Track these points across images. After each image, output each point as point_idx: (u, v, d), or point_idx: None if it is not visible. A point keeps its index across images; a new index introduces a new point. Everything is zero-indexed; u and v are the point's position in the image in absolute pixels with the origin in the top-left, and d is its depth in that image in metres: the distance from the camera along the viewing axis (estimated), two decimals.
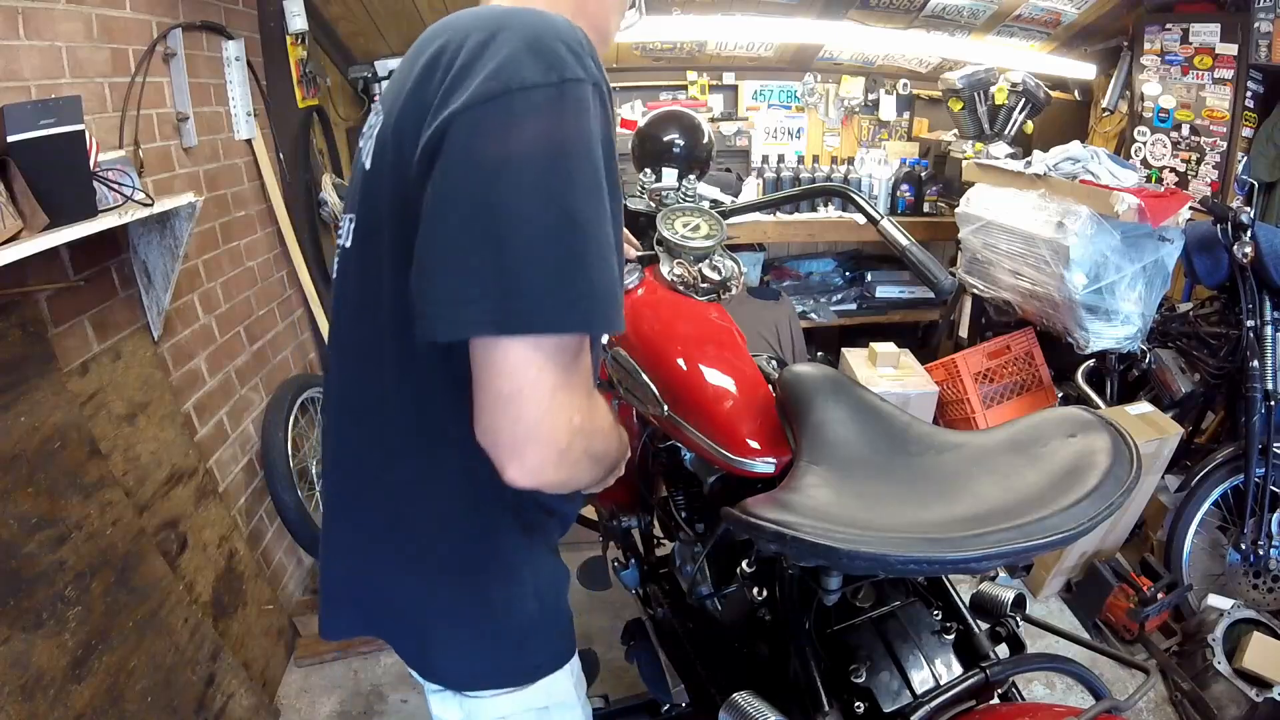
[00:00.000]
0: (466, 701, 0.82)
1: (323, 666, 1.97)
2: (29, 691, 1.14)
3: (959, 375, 2.50)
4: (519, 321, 0.56)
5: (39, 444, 1.27)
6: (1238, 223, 1.97)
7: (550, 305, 0.56)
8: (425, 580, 0.78)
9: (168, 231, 1.56)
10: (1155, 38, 2.84)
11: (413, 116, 0.61)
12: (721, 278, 1.32)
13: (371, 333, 0.72)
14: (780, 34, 3.14)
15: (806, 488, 0.83)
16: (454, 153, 0.57)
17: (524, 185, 0.55)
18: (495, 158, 0.56)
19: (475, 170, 0.56)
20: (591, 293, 0.58)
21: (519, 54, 0.57)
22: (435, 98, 0.59)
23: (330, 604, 0.87)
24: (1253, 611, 1.89)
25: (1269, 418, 1.97)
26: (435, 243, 0.57)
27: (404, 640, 0.83)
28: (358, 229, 0.73)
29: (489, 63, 0.57)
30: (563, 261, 0.57)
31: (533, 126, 0.56)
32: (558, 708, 0.84)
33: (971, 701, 0.87)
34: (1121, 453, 0.76)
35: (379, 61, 2.86)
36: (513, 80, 0.56)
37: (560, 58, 0.57)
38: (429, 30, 0.67)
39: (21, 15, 1.32)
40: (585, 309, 0.58)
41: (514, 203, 0.55)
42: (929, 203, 3.16)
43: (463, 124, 0.56)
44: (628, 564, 1.45)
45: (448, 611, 0.78)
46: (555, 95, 0.56)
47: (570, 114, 0.57)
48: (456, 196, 0.57)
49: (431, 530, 0.76)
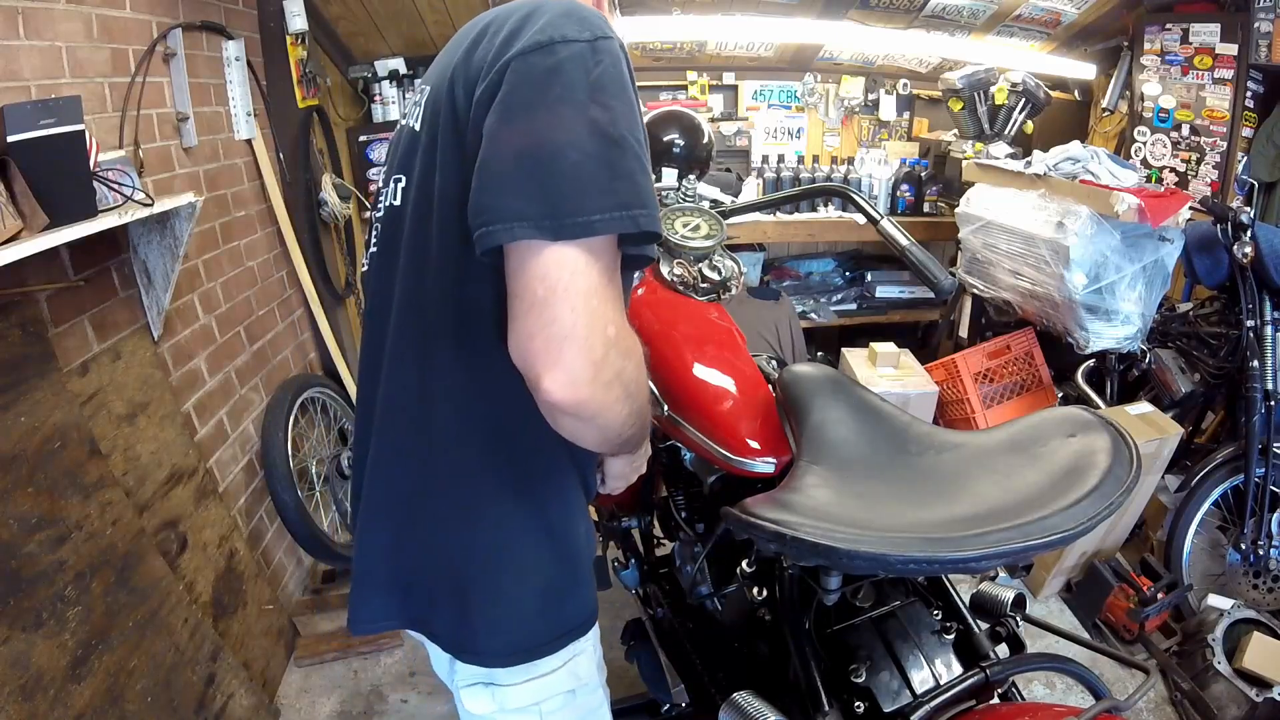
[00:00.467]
0: (499, 692, 0.84)
1: (323, 666, 1.97)
2: (29, 691, 1.14)
3: (959, 375, 2.50)
4: (563, 227, 0.61)
5: (39, 444, 1.27)
6: (1238, 223, 1.97)
7: (593, 208, 0.62)
8: (466, 540, 0.80)
9: (168, 231, 1.56)
10: (1155, 38, 2.84)
11: (464, 76, 0.70)
12: (721, 278, 1.32)
13: (420, 283, 0.76)
14: (780, 34, 3.14)
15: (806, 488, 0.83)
16: (508, 90, 0.65)
17: (568, 113, 0.63)
18: (544, 90, 0.64)
19: (526, 102, 0.64)
20: (636, 192, 0.64)
21: (559, 18, 0.67)
22: (488, 57, 0.68)
23: (362, 590, 0.87)
24: (1253, 611, 1.88)
25: (1269, 418, 1.97)
26: (491, 165, 0.64)
27: (442, 617, 0.83)
28: (410, 186, 0.77)
29: (534, 25, 0.66)
30: (604, 172, 0.63)
31: (575, 66, 0.65)
32: (583, 689, 0.88)
33: (971, 701, 0.87)
34: (1121, 453, 0.76)
35: (379, 61, 2.86)
36: (555, 34, 0.65)
37: (592, 21, 0.68)
38: (473, 20, 0.78)
39: (21, 15, 1.32)
40: (628, 208, 0.64)
41: (560, 127, 0.63)
42: (929, 203, 3.16)
43: (516, 67, 0.65)
44: (628, 564, 1.45)
45: (487, 572, 0.80)
46: (590, 47, 0.66)
47: (605, 60, 0.66)
48: (511, 125, 0.64)
49: (472, 488, 0.78)
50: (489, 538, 0.80)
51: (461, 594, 0.81)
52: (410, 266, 0.77)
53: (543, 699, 0.85)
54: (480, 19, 0.75)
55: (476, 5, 2.67)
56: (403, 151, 0.80)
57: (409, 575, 0.84)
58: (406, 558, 0.84)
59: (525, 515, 0.80)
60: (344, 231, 2.68)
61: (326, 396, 2.35)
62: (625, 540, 1.52)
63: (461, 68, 0.71)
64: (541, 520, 0.81)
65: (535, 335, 0.62)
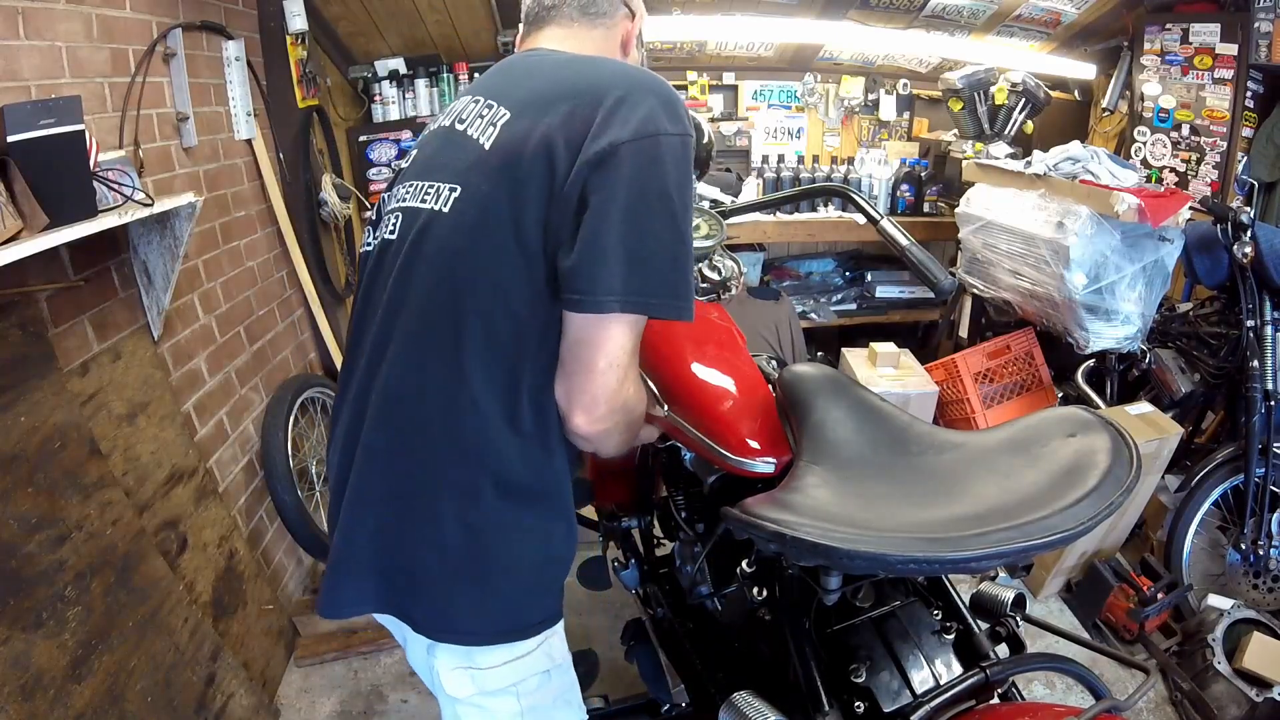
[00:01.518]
0: (478, 675, 0.88)
1: (323, 666, 1.97)
2: (29, 691, 1.14)
3: (959, 375, 2.50)
4: (631, 304, 0.78)
5: (39, 444, 1.27)
6: (1238, 223, 1.97)
7: (659, 293, 0.79)
8: (461, 533, 0.84)
9: (168, 231, 1.56)
10: (1155, 38, 2.84)
11: (565, 137, 0.80)
12: (721, 278, 1.32)
13: (455, 292, 0.82)
14: (780, 34, 3.14)
15: (806, 488, 0.83)
16: (620, 175, 0.78)
17: (660, 209, 0.79)
18: (648, 181, 0.79)
19: (637, 191, 0.78)
20: (688, 288, 0.82)
21: (659, 109, 0.81)
22: (591, 129, 0.79)
23: (338, 576, 0.89)
24: (1253, 611, 1.88)
25: (1269, 417, 1.97)
26: (600, 240, 0.77)
27: (423, 603, 0.87)
28: (466, 199, 0.83)
29: (638, 110, 0.80)
30: (672, 267, 0.80)
31: (672, 162, 0.80)
32: (556, 670, 0.94)
33: (971, 701, 0.87)
34: (1121, 453, 0.76)
35: (379, 61, 2.86)
36: (658, 128, 0.80)
37: (683, 117, 0.83)
38: (547, 65, 0.91)
39: (21, 15, 1.32)
40: (679, 298, 0.81)
41: (655, 221, 0.79)
42: (929, 203, 3.16)
43: (626, 154, 0.78)
44: (628, 564, 1.45)
45: (479, 564, 0.85)
46: (682, 142, 0.82)
47: (686, 158, 0.82)
48: (620, 209, 0.77)
49: (474, 485, 0.83)
50: (484, 533, 0.84)
51: (449, 582, 0.85)
52: (445, 274, 0.83)
53: (520, 679, 0.90)
54: (563, 71, 0.88)
55: (476, 5, 2.67)
56: (463, 165, 0.85)
57: (391, 561, 0.87)
58: (392, 545, 0.86)
59: (521, 515, 0.86)
60: (344, 231, 2.68)
61: (326, 396, 2.35)
62: (625, 540, 1.52)
63: (561, 128, 0.80)
64: (534, 519, 0.88)
65: (585, 392, 0.82)
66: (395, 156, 2.85)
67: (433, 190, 0.86)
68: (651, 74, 0.87)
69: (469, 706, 0.91)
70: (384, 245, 0.91)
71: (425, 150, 0.94)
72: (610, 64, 0.91)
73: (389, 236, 0.90)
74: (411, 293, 0.84)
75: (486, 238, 0.81)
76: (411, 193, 0.90)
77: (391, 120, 2.86)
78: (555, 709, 0.96)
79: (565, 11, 0.98)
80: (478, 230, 0.81)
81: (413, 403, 0.84)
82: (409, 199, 0.89)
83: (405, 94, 2.87)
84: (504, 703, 0.91)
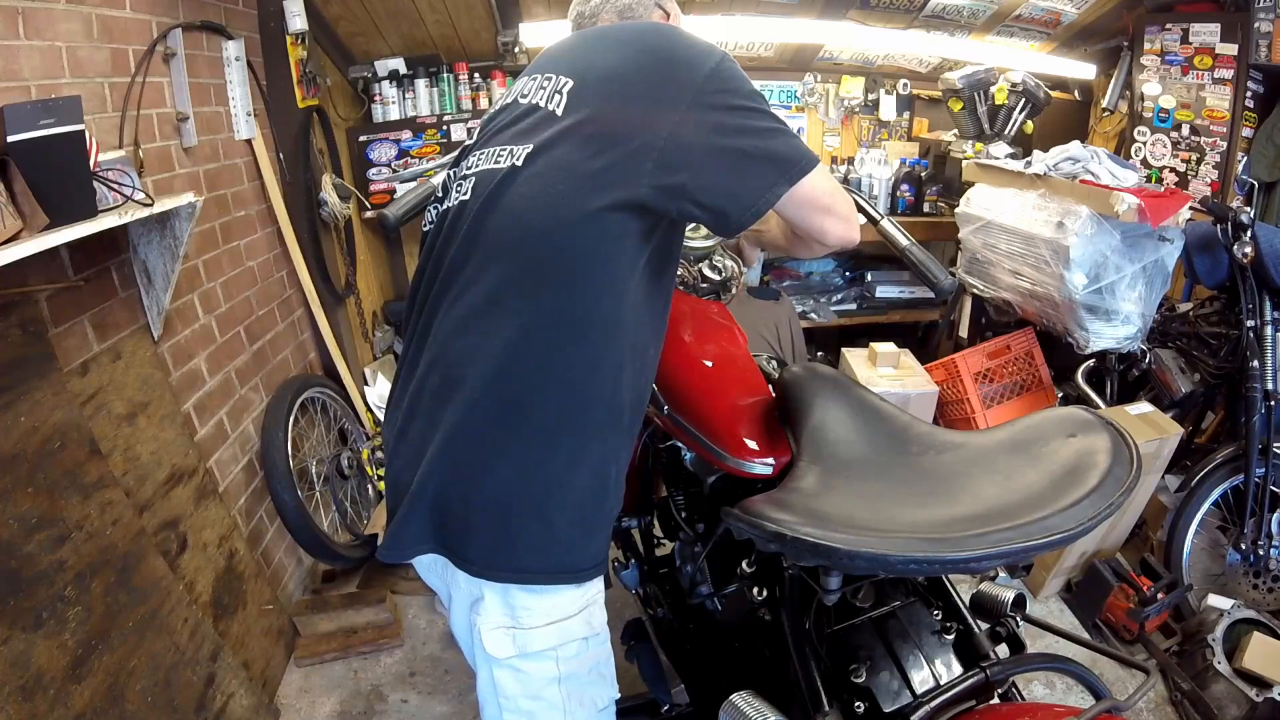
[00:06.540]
0: (520, 635, 0.90)
1: (323, 666, 1.97)
2: (29, 691, 1.14)
3: (959, 375, 2.50)
4: (798, 173, 0.86)
5: (39, 444, 1.27)
6: (1238, 223, 1.97)
7: (801, 157, 0.87)
8: (525, 472, 0.86)
9: (168, 231, 1.56)
10: (1155, 38, 2.84)
11: (633, 91, 0.87)
12: (721, 278, 1.32)
13: (536, 243, 0.85)
14: (780, 34, 3.13)
15: (806, 488, 0.83)
16: (704, 119, 0.84)
17: (751, 115, 0.87)
18: (726, 109, 0.85)
19: (721, 123, 0.85)
20: (804, 144, 0.90)
21: (697, 51, 0.89)
22: (673, 88, 0.85)
23: (408, 513, 0.90)
24: (1253, 611, 1.89)
25: (1269, 418, 1.97)
26: (727, 169, 0.85)
27: (478, 540, 0.88)
28: (540, 155, 0.87)
29: (697, 58, 0.87)
30: (787, 136, 0.89)
31: (729, 78, 0.87)
32: (594, 639, 0.96)
33: (971, 701, 0.87)
34: (1121, 453, 0.76)
35: (379, 61, 2.86)
36: (707, 65, 0.86)
37: (708, 46, 0.90)
38: (611, 37, 0.96)
39: (21, 15, 1.31)
40: (808, 151, 0.89)
41: (751, 127, 0.86)
42: (929, 203, 3.15)
43: (711, 101, 0.85)
44: (628, 564, 1.45)
45: (538, 502, 0.87)
46: (724, 61, 0.88)
47: (736, 71, 0.88)
48: (722, 142, 0.84)
49: (544, 428, 0.86)
50: (546, 472, 0.87)
51: (504, 519, 0.87)
52: (526, 223, 0.86)
53: (561, 643, 0.91)
54: (607, 38, 0.95)
55: (476, 5, 2.67)
56: (529, 125, 0.90)
57: (452, 500, 0.89)
58: (456, 483, 0.88)
59: (583, 458, 0.89)
60: (344, 231, 2.68)
61: (326, 396, 2.35)
62: (625, 540, 1.52)
63: (632, 99, 0.86)
64: (594, 465, 0.90)
65: (839, 224, 0.92)
66: (395, 156, 2.85)
67: (505, 151, 0.90)
68: (678, 29, 0.95)
69: (506, 669, 0.91)
70: (460, 207, 0.93)
71: (492, 125, 0.97)
72: (646, 25, 1.02)
73: (465, 199, 0.93)
74: (488, 246, 0.87)
75: (565, 191, 0.84)
76: (484, 158, 0.93)
77: (391, 120, 2.86)
78: (590, 680, 0.96)
79: (604, 17, 1.17)
80: (554, 185, 0.85)
81: (488, 348, 0.86)
82: (482, 163, 0.93)
83: (405, 94, 2.87)
84: (542, 666, 0.91)
